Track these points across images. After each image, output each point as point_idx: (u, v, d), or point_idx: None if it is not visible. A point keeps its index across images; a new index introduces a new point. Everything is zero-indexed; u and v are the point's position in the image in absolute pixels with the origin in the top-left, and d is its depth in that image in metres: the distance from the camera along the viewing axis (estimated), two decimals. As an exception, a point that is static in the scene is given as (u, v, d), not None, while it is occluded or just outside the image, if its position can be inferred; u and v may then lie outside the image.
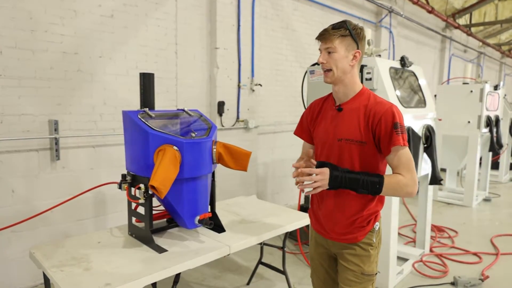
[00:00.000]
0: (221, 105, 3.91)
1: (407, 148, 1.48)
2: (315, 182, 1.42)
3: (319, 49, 1.54)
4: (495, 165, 7.13)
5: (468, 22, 10.02)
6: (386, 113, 1.45)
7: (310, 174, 1.44)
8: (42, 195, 2.80)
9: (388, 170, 1.57)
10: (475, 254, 3.65)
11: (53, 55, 2.81)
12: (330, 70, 1.50)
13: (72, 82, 2.93)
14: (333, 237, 1.62)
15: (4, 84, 2.60)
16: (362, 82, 2.83)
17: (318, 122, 1.66)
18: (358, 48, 1.50)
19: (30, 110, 2.73)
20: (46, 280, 1.69)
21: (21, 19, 2.64)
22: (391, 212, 2.80)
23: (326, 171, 1.43)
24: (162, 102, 3.51)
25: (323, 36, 1.50)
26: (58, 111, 2.87)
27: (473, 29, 10.52)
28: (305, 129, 1.74)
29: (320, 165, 1.49)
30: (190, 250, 1.81)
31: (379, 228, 1.63)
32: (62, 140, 2.87)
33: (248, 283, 2.91)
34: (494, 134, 5.21)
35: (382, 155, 1.52)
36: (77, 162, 2.98)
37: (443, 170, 6.26)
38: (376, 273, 1.63)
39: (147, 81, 2.09)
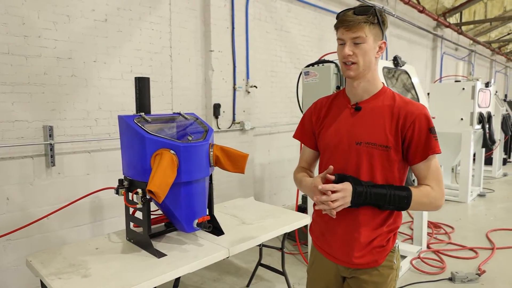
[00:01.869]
0: (217, 107, 3.91)
1: (436, 157, 1.30)
2: (335, 201, 1.19)
3: (340, 39, 1.28)
4: (488, 161, 7.22)
5: (459, 21, 10.14)
6: (420, 115, 1.25)
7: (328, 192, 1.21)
8: (38, 202, 2.77)
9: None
10: (471, 249, 3.69)
11: (47, 61, 2.79)
12: (355, 63, 1.26)
13: (67, 87, 2.91)
14: (347, 262, 1.35)
15: (-3, 91, 2.57)
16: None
17: (326, 124, 1.41)
18: (383, 38, 1.30)
19: (24, 116, 2.70)
20: (44, 288, 1.68)
21: (13, 25, 2.62)
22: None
23: (348, 187, 1.22)
24: (158, 105, 3.50)
25: (350, 24, 1.23)
26: (53, 117, 2.84)
27: (463, 28, 10.65)
28: (307, 132, 1.49)
29: (339, 178, 1.26)
30: (189, 254, 1.81)
31: (398, 246, 1.40)
32: (57, 146, 2.85)
33: (248, 285, 2.91)
34: (487, 131, 5.28)
35: (406, 163, 1.32)
36: (72, 167, 2.95)
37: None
38: None
39: (142, 85, 2.08)
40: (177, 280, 1.69)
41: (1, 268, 2.63)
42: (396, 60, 3.20)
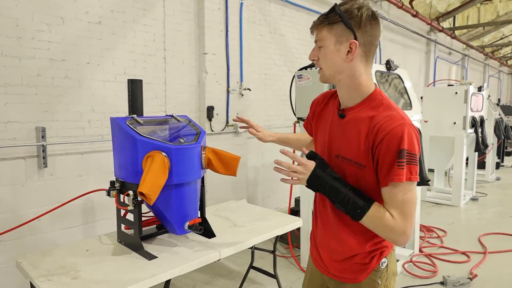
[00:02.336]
0: (210, 110, 3.92)
1: (410, 186, 1.08)
2: (293, 171, 1.15)
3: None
4: (482, 165, 7.29)
5: (452, 25, 10.27)
6: (392, 133, 1.06)
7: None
8: (29, 203, 2.76)
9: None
10: (463, 253, 3.71)
11: (40, 62, 2.79)
12: (321, 68, 1.20)
13: (60, 88, 2.91)
14: (329, 271, 1.31)
15: (-11, 92, 2.57)
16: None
17: (320, 123, 1.35)
18: (355, 38, 1.11)
19: (17, 118, 2.70)
20: (34, 290, 1.67)
21: (7, 26, 2.61)
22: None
23: (310, 165, 1.14)
24: (151, 107, 3.50)
25: (312, 28, 1.18)
26: (45, 118, 2.84)
27: (457, 32, 10.78)
28: (308, 122, 1.47)
29: (310, 155, 1.21)
30: (180, 256, 1.81)
31: (387, 265, 1.26)
32: (50, 147, 2.84)
33: (239, 288, 2.91)
34: (479, 135, 5.33)
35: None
36: (65, 169, 2.94)
37: (431, 170, 6.37)
38: None
39: (135, 87, 2.09)
40: (167, 282, 1.69)
41: (-9, 270, 2.61)
42: (388, 64, 3.23)
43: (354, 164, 1.16)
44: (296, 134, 1.65)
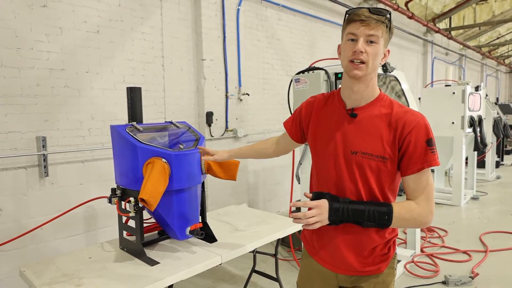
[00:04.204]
0: (209, 115, 3.94)
1: (430, 172, 1.23)
2: (312, 217, 1.16)
3: (352, 33, 1.19)
4: (481, 164, 7.30)
5: (448, 26, 10.34)
6: (418, 125, 1.20)
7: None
8: (31, 212, 2.78)
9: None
10: (465, 252, 3.72)
11: (40, 72, 2.82)
12: (364, 62, 1.19)
13: (59, 98, 2.93)
14: (348, 270, 1.33)
15: (-10, 103, 2.59)
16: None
17: (319, 127, 1.36)
18: (387, 46, 1.26)
19: (17, 128, 2.72)
20: (37, 299, 1.68)
21: (6, 38, 2.64)
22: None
23: (324, 204, 1.19)
24: (151, 114, 3.53)
25: (368, 20, 1.17)
26: (46, 128, 2.86)
27: (453, 33, 10.86)
28: (295, 125, 1.48)
29: (316, 196, 1.24)
30: (182, 261, 1.82)
31: (396, 253, 1.41)
32: (50, 156, 2.86)
33: (242, 292, 2.91)
34: (478, 134, 5.35)
35: (399, 173, 1.26)
36: (66, 178, 2.96)
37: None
38: None
39: (134, 95, 2.11)
40: (170, 287, 1.70)
41: (-6, 280, 2.62)
42: (385, 66, 3.26)
43: (377, 158, 1.23)
44: (254, 145, 1.66)
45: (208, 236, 2.08)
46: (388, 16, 1.21)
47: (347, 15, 1.23)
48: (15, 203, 2.70)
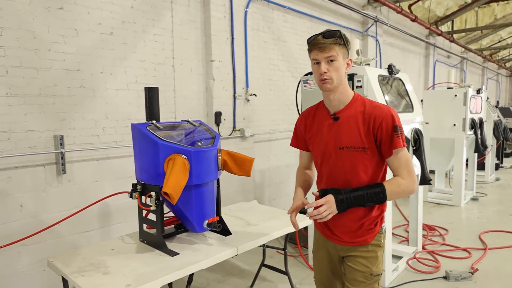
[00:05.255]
0: (218, 115, 4.04)
1: (406, 149, 1.53)
2: (324, 211, 1.43)
3: (314, 59, 1.51)
4: (481, 166, 7.40)
5: (450, 29, 10.44)
6: (386, 117, 1.49)
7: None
8: (50, 208, 2.87)
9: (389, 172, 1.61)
10: (464, 249, 3.82)
11: (57, 73, 2.92)
12: (330, 78, 1.49)
13: (75, 98, 3.03)
14: (342, 241, 1.65)
15: (10, 102, 2.69)
16: (353, 89, 3.02)
17: (313, 132, 1.67)
18: (349, 56, 1.55)
19: (36, 126, 2.82)
20: (66, 286, 1.78)
21: (25, 39, 2.74)
22: (385, 214, 2.95)
23: (331, 198, 1.45)
24: (162, 114, 3.55)
25: (323, 46, 1.46)
26: (63, 127, 2.96)
27: (455, 36, 10.95)
28: (300, 139, 1.77)
29: (322, 193, 1.51)
30: (201, 252, 1.92)
31: (384, 229, 1.70)
32: (68, 154, 2.96)
33: (251, 286, 3.01)
34: (479, 136, 5.44)
35: (383, 158, 1.55)
36: (82, 175, 3.06)
37: (432, 172, 6.46)
38: (382, 273, 1.68)
39: (152, 95, 2.22)
40: (191, 276, 1.80)
41: (15, 272, 2.72)
42: (390, 68, 3.36)
43: (359, 149, 1.52)
44: (301, 181, 1.82)
45: (223, 229, 2.18)
46: (339, 35, 1.47)
47: (308, 44, 1.54)
48: (34, 200, 2.80)
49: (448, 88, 5.68)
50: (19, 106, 2.74)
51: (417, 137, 3.31)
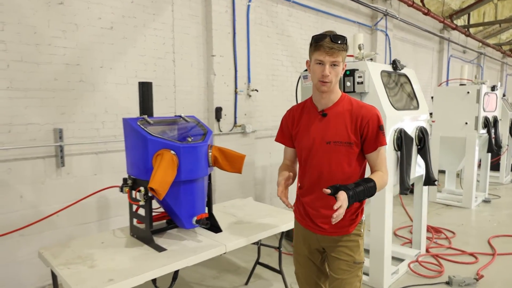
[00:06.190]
0: (218, 110, 4.02)
1: (385, 148, 1.68)
2: (343, 209, 1.42)
3: (318, 60, 1.53)
4: (496, 167, 7.13)
5: (467, 23, 10.08)
6: (372, 117, 1.62)
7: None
8: (48, 200, 2.92)
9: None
10: (471, 254, 3.66)
11: (57, 67, 2.94)
12: (330, 81, 1.56)
13: (75, 92, 3.06)
14: (325, 231, 1.72)
15: (11, 96, 2.73)
16: (353, 86, 2.94)
17: (301, 128, 1.73)
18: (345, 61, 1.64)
19: (36, 120, 2.86)
20: (54, 278, 1.81)
21: (26, 34, 2.77)
22: (385, 214, 2.86)
23: (344, 196, 1.45)
24: (161, 109, 3.63)
25: (332, 50, 1.51)
26: (62, 120, 2.99)
27: (472, 30, 10.57)
28: (286, 135, 1.82)
29: (334, 190, 1.48)
30: (188, 248, 1.91)
31: (364, 220, 1.79)
32: (67, 147, 2.99)
33: (246, 283, 2.99)
34: (492, 135, 5.23)
35: (362, 152, 1.67)
36: (81, 168, 3.10)
37: (442, 172, 6.26)
38: (364, 261, 1.77)
39: (145, 90, 2.21)
40: (176, 273, 1.79)
41: (15, 261, 2.78)
42: (395, 64, 3.24)
43: (345, 144, 1.63)
44: (284, 166, 1.85)
45: (213, 226, 2.17)
46: (345, 40, 1.56)
47: (313, 42, 1.55)
48: (34, 191, 2.85)
49: (460, 84, 5.48)
50: (20, 99, 2.78)
51: (422, 135, 3.19)
